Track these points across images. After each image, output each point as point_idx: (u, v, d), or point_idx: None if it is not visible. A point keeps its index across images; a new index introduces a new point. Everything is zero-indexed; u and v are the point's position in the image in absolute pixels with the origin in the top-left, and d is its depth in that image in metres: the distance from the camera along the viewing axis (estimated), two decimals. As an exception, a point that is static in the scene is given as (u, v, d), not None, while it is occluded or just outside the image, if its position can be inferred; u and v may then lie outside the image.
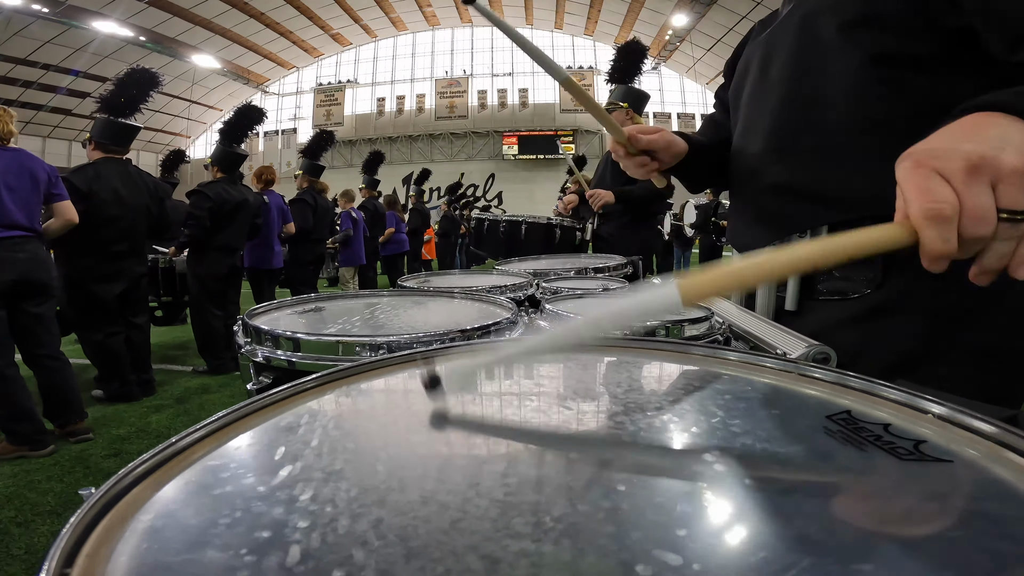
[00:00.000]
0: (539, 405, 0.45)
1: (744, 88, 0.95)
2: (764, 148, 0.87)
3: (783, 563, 0.24)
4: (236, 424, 0.40)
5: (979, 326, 0.72)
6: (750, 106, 0.93)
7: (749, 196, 0.92)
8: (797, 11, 0.83)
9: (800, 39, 0.81)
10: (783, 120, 0.84)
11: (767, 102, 0.87)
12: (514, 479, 0.32)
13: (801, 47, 0.81)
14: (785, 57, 0.84)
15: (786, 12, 0.88)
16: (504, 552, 0.25)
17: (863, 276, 0.77)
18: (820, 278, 0.82)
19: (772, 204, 0.87)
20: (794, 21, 0.83)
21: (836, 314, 0.80)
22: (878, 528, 0.27)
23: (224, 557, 0.25)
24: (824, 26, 0.77)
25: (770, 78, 0.87)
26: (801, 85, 0.82)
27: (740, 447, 0.36)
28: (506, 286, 1.21)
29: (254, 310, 0.91)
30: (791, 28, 0.83)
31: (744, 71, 0.96)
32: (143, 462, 0.33)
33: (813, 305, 0.83)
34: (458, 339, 0.72)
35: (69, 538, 0.26)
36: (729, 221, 1.02)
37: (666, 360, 0.58)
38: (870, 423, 0.39)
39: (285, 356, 0.73)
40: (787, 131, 0.84)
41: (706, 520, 0.28)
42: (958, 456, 0.34)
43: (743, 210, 0.94)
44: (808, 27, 0.80)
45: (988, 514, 0.29)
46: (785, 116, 0.85)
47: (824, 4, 0.78)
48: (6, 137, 2.55)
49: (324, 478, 0.32)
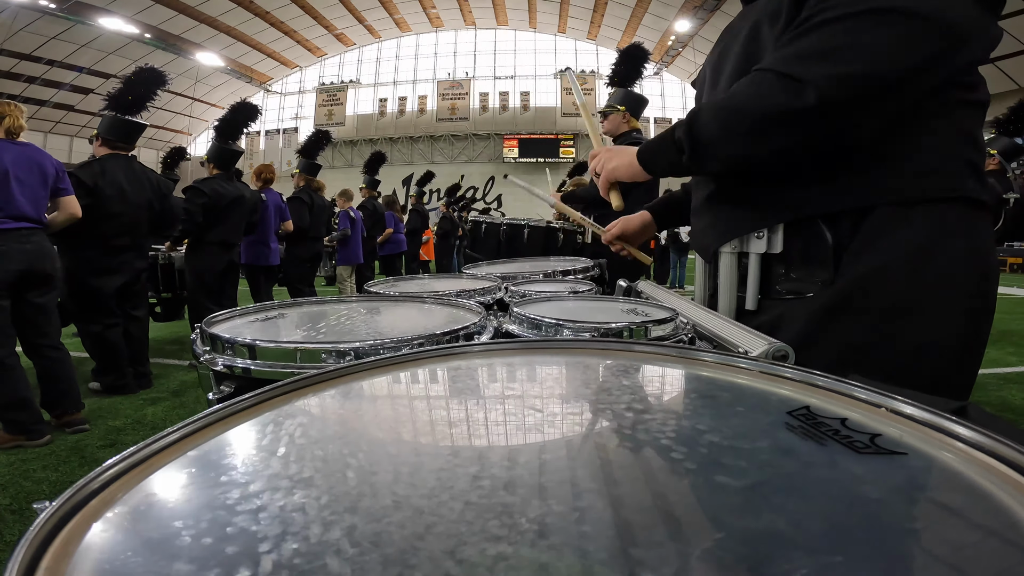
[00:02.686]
0: (510, 407, 0.45)
1: (702, 96, 0.99)
2: None
3: (753, 558, 0.24)
4: (199, 433, 0.39)
5: (921, 322, 0.75)
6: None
7: (705, 200, 0.96)
8: (746, 22, 0.87)
9: (746, 47, 0.84)
10: None
11: None
12: (487, 481, 0.32)
13: (746, 55, 0.84)
14: (732, 66, 0.87)
15: (740, 24, 0.91)
16: (481, 556, 0.24)
17: (816, 276, 0.80)
18: (778, 278, 0.86)
19: (724, 207, 0.91)
20: (743, 32, 0.86)
21: (792, 312, 0.84)
22: (839, 521, 0.28)
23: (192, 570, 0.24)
24: (765, 35, 0.81)
25: (718, 88, 0.91)
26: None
27: (707, 444, 0.37)
28: (474, 290, 1.20)
29: (213, 317, 0.87)
30: (740, 37, 0.86)
31: (701, 81, 1.00)
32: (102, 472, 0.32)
33: (771, 304, 0.86)
34: (426, 344, 0.70)
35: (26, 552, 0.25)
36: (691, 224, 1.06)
37: (634, 361, 0.59)
38: (828, 418, 0.40)
39: (245, 364, 0.69)
40: None
41: (677, 516, 0.28)
42: (912, 448, 0.35)
43: (700, 214, 0.99)
44: (753, 37, 0.83)
45: (942, 503, 0.30)
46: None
47: (767, 12, 0.81)
48: (16, 131, 2.61)
49: (293, 486, 0.31)
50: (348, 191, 6.16)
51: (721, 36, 0.99)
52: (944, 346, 0.76)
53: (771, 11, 0.80)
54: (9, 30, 15.28)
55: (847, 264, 0.78)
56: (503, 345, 0.64)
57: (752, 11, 0.88)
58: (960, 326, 0.76)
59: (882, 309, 0.77)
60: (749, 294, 0.88)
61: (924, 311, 0.75)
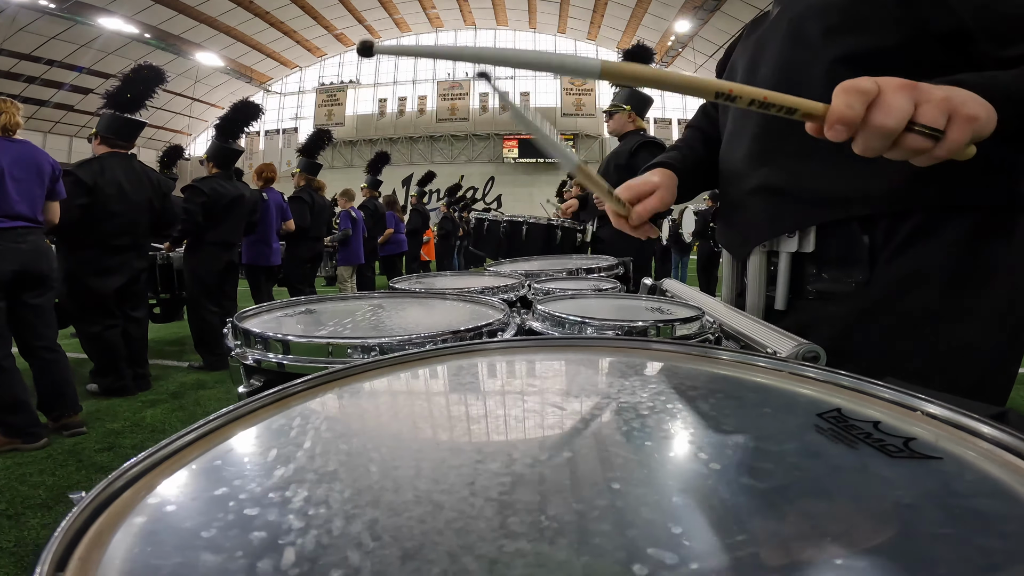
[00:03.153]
0: (532, 405, 0.45)
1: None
2: (750, 151, 0.88)
3: (778, 561, 0.24)
4: (228, 427, 0.40)
5: (960, 325, 0.73)
6: (737, 109, 0.93)
7: (737, 198, 0.92)
8: (785, 14, 0.84)
9: (787, 42, 0.82)
10: (768, 123, 0.85)
11: None
12: (509, 478, 0.32)
13: (787, 50, 0.82)
14: (772, 60, 0.85)
15: (775, 14, 0.88)
16: (500, 552, 0.24)
17: (850, 276, 0.78)
18: (809, 278, 0.82)
19: (759, 206, 0.87)
20: (782, 24, 0.84)
21: (824, 313, 0.81)
22: (870, 526, 0.27)
23: (218, 560, 0.24)
24: (810, 29, 0.78)
25: (757, 81, 0.87)
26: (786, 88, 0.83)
27: (733, 445, 0.36)
28: (498, 287, 1.20)
29: (244, 312, 0.89)
30: (779, 31, 0.84)
31: (733, 73, 0.97)
32: (135, 465, 0.33)
33: (802, 304, 0.84)
34: (450, 340, 0.71)
35: (61, 541, 0.25)
36: (718, 222, 1.02)
37: (658, 360, 0.58)
38: (860, 421, 0.39)
39: (276, 359, 0.72)
40: (772, 134, 0.85)
41: (701, 518, 0.28)
42: (948, 453, 0.34)
43: (731, 212, 0.95)
44: (795, 30, 0.81)
45: (978, 511, 0.29)
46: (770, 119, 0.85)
47: (811, 8, 0.79)
48: (13, 128, 2.57)
49: (318, 479, 0.32)
50: (350, 191, 6.14)
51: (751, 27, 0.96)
52: (981, 352, 0.74)
53: (817, 5, 0.77)
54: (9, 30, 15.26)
55: (883, 266, 0.75)
56: (527, 342, 0.64)
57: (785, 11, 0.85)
58: (997, 331, 0.74)
59: (919, 313, 0.74)
60: (779, 294, 0.85)
61: (962, 316, 0.73)
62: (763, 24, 0.92)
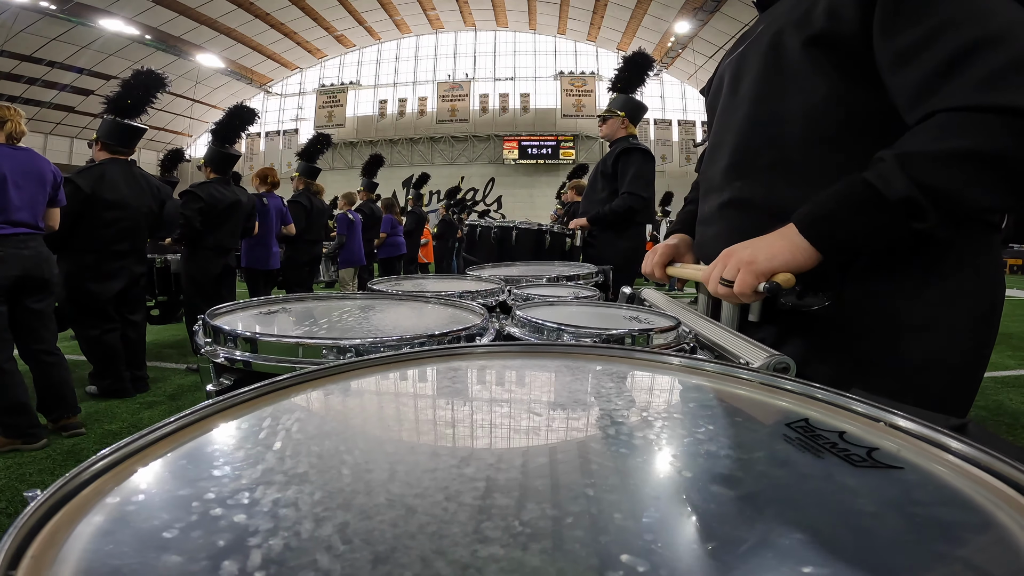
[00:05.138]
0: (507, 410, 0.45)
1: (717, 104, 0.98)
2: (728, 164, 0.90)
3: (746, 567, 0.24)
4: (195, 426, 0.39)
5: (927, 339, 0.75)
6: (719, 123, 0.96)
7: (710, 212, 0.95)
8: (769, 29, 0.85)
9: (768, 57, 0.83)
10: (747, 137, 0.87)
11: (734, 119, 0.90)
12: (483, 483, 0.32)
13: (769, 65, 0.83)
14: (753, 75, 0.86)
15: (759, 30, 0.90)
16: (473, 557, 0.24)
17: (822, 291, 0.79)
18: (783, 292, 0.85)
19: (733, 218, 0.90)
20: (765, 39, 0.85)
21: (796, 325, 0.83)
22: (834, 532, 0.28)
23: (179, 560, 0.24)
24: (790, 43, 0.80)
25: (739, 95, 0.89)
26: (765, 103, 0.84)
27: (704, 454, 0.37)
28: (478, 291, 1.21)
29: (215, 310, 0.87)
30: (762, 46, 0.85)
31: (718, 87, 0.99)
32: (96, 462, 0.32)
33: (774, 317, 0.85)
34: (427, 343, 0.70)
35: (14, 540, 0.25)
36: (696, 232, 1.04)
37: (634, 367, 0.59)
38: (827, 431, 0.40)
39: (246, 357, 0.69)
40: (749, 148, 0.87)
41: (672, 525, 0.28)
42: (909, 463, 0.36)
43: (705, 225, 0.98)
44: (776, 45, 0.82)
45: (937, 519, 0.30)
46: (749, 133, 0.87)
47: (791, 21, 0.80)
48: (18, 136, 2.61)
49: (287, 481, 0.31)
50: (351, 194, 6.17)
51: (737, 42, 0.97)
52: (948, 364, 0.75)
53: (796, 19, 0.79)
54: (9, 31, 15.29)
55: (854, 280, 0.77)
56: (504, 347, 0.65)
57: (771, 17, 0.86)
58: (965, 344, 0.76)
59: (888, 326, 0.76)
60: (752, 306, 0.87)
61: (930, 329, 0.75)
62: (748, 39, 0.94)
